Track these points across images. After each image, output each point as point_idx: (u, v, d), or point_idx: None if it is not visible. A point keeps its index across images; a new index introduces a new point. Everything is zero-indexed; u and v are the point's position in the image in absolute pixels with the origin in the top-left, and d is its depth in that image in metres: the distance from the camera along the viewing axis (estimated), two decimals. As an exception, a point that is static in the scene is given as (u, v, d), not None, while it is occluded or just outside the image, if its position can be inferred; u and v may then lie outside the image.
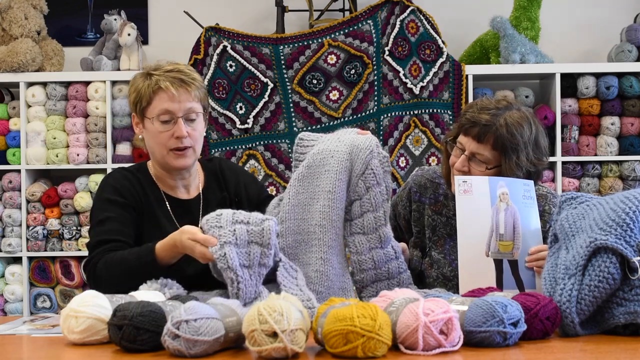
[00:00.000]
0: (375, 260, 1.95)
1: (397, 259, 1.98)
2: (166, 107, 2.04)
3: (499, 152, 2.04)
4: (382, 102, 3.74)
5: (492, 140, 2.03)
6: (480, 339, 1.40)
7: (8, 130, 3.90)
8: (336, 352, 1.32)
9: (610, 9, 4.12)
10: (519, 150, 2.04)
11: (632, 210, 1.53)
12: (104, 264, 1.95)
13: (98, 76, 3.84)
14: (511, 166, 2.04)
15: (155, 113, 2.06)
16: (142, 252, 1.92)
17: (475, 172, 2.06)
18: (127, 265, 1.91)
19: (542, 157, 2.10)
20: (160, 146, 2.08)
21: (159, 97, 2.05)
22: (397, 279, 1.98)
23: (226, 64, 3.76)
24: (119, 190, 2.08)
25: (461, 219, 1.96)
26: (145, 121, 2.09)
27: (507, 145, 2.03)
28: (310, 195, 1.92)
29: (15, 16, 3.85)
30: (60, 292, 3.85)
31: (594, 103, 3.82)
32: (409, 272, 2.02)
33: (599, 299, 1.50)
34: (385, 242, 1.96)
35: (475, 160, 2.06)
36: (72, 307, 1.48)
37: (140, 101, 2.08)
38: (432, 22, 3.78)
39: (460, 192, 1.96)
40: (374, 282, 1.97)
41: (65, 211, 3.86)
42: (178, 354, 1.33)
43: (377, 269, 1.96)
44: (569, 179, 3.81)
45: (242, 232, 1.71)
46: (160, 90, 2.05)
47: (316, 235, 1.90)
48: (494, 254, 1.94)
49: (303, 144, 2.03)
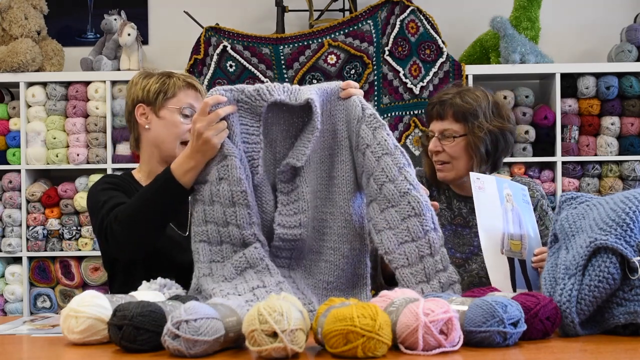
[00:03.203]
0: (387, 220, 1.75)
1: (417, 215, 1.74)
2: (192, 102, 2.12)
3: (461, 122, 2.19)
4: (382, 102, 3.74)
5: (451, 112, 2.19)
6: (480, 339, 1.40)
7: (8, 130, 3.90)
8: (336, 352, 1.32)
9: (610, 9, 4.12)
10: (477, 114, 2.18)
11: (632, 210, 1.53)
12: (116, 214, 1.86)
13: (98, 76, 3.85)
14: (474, 130, 2.17)
15: (180, 105, 2.11)
16: (157, 176, 1.86)
17: (448, 148, 2.19)
18: (143, 196, 1.85)
19: (505, 122, 2.22)
20: (174, 137, 2.10)
21: (186, 93, 2.12)
22: (440, 256, 1.74)
23: (226, 64, 3.76)
24: (113, 183, 2.09)
25: (481, 214, 1.96)
26: (163, 112, 2.11)
27: (466, 112, 2.18)
28: (320, 182, 1.85)
29: (15, 16, 3.85)
30: (60, 292, 3.86)
31: (594, 103, 3.82)
32: (440, 232, 1.77)
33: (599, 299, 1.50)
34: (394, 199, 1.74)
35: (445, 137, 2.20)
36: (72, 307, 1.48)
37: (166, 92, 2.11)
38: (432, 22, 3.78)
39: (476, 188, 1.99)
40: (420, 260, 1.73)
41: (65, 211, 3.86)
42: (178, 354, 1.33)
43: (393, 229, 1.74)
44: (569, 179, 3.82)
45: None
46: (189, 86, 2.14)
47: (327, 224, 1.84)
48: (507, 252, 1.96)
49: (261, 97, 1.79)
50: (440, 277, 1.73)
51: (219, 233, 1.78)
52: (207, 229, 1.79)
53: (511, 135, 2.25)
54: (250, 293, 1.68)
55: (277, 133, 1.83)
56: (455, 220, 2.27)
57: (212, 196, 1.77)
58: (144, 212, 1.83)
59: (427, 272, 1.73)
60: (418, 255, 1.73)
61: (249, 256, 1.75)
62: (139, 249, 1.89)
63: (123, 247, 1.87)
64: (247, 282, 1.72)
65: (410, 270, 1.73)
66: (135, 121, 2.14)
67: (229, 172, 1.74)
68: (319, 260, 1.84)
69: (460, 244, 2.24)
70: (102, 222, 1.91)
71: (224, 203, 1.75)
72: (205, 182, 1.78)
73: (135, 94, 2.14)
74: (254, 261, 1.75)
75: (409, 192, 1.74)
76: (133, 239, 1.85)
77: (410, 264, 1.73)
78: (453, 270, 1.75)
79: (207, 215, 1.78)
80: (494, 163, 2.25)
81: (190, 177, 1.78)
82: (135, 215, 1.83)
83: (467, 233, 2.24)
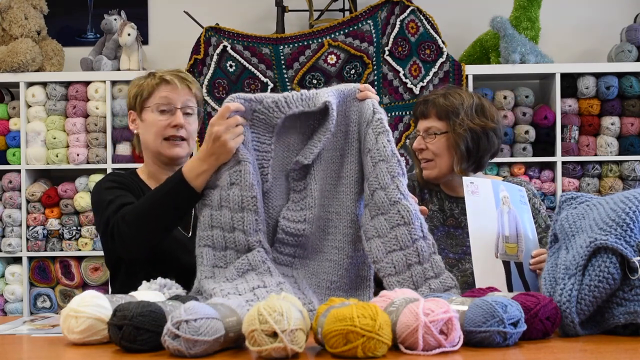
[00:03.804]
0: (376, 228, 1.75)
1: (406, 224, 1.73)
2: (166, 95, 2.10)
3: (443, 120, 2.23)
4: (382, 102, 3.74)
5: (434, 111, 2.24)
6: (480, 339, 1.40)
7: (8, 130, 3.90)
8: (336, 352, 1.32)
9: (610, 9, 4.12)
10: (458, 111, 2.21)
11: (632, 210, 1.53)
12: (123, 215, 1.85)
13: (98, 76, 3.85)
14: (455, 127, 2.21)
15: (155, 102, 2.10)
16: (168, 178, 1.85)
17: (430, 145, 2.23)
18: (153, 197, 1.85)
19: (488, 122, 2.24)
20: (156, 136, 2.10)
21: (161, 88, 2.11)
22: (429, 264, 1.73)
23: (226, 64, 3.76)
24: (117, 181, 2.10)
25: (472, 219, 1.96)
26: (144, 113, 2.12)
27: (448, 110, 2.22)
28: (328, 181, 1.85)
29: (15, 16, 3.85)
30: (60, 292, 3.86)
31: (594, 103, 3.82)
32: (430, 239, 1.76)
33: (599, 299, 1.50)
34: (384, 207, 1.74)
35: (428, 135, 2.25)
36: (72, 307, 1.48)
37: (142, 94, 2.12)
38: (432, 22, 3.78)
39: (468, 193, 1.98)
40: (407, 268, 1.73)
41: (65, 211, 3.86)
42: (178, 354, 1.33)
43: (382, 237, 1.74)
44: (569, 179, 3.82)
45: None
46: (163, 82, 2.12)
47: (333, 223, 1.84)
48: (502, 256, 1.95)
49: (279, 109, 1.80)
50: (430, 284, 1.72)
51: (224, 238, 1.78)
52: (212, 233, 1.79)
53: (495, 136, 2.25)
54: (250, 293, 1.68)
55: (293, 136, 1.83)
56: (448, 222, 2.29)
57: (220, 201, 1.77)
58: (153, 214, 1.83)
59: (415, 279, 1.73)
60: (405, 264, 1.73)
61: (252, 259, 1.76)
62: (145, 249, 1.89)
63: (129, 247, 1.87)
64: (248, 282, 1.72)
65: (397, 278, 1.73)
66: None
67: (241, 177, 1.74)
68: (323, 260, 1.84)
69: (453, 244, 2.25)
70: (107, 221, 1.90)
71: (233, 208, 1.76)
72: (215, 187, 1.79)
73: (127, 102, 2.19)
74: (256, 264, 1.75)
75: (399, 201, 1.74)
76: (140, 239, 1.85)
77: (397, 272, 1.74)
78: (448, 276, 1.75)
79: (214, 220, 1.78)
80: (477, 162, 2.25)
81: (202, 180, 1.78)
82: (144, 216, 1.83)
83: (460, 234, 2.25)
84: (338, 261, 1.83)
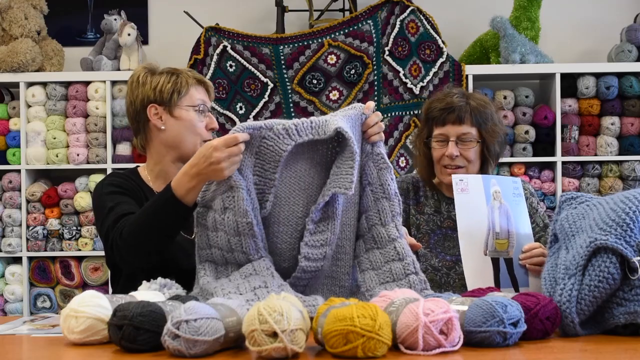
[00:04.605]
0: (371, 261, 1.81)
1: (400, 260, 1.79)
2: (204, 98, 2.14)
3: (477, 127, 2.27)
4: (382, 102, 3.74)
5: (470, 117, 2.26)
6: (480, 339, 1.40)
7: (8, 130, 3.90)
8: (336, 352, 1.32)
9: (610, 9, 4.12)
10: (488, 119, 2.28)
11: (632, 210, 1.53)
12: (120, 230, 1.87)
13: (98, 76, 3.85)
14: (490, 134, 2.27)
15: (193, 102, 2.10)
16: (158, 194, 1.87)
17: (465, 152, 2.25)
18: (145, 214, 1.85)
19: (504, 126, 2.38)
20: (195, 135, 2.10)
21: (197, 89, 2.13)
22: (404, 281, 1.77)
23: (226, 64, 3.76)
24: (118, 185, 2.08)
25: (461, 217, 1.97)
26: (176, 110, 2.09)
27: (481, 118, 2.27)
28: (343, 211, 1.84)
29: (15, 16, 3.85)
30: (60, 292, 3.85)
31: (594, 103, 3.82)
32: (422, 276, 1.80)
33: (599, 299, 1.50)
34: (381, 242, 1.82)
35: (462, 142, 2.26)
36: (72, 307, 1.48)
37: (180, 91, 2.09)
38: (432, 22, 3.78)
39: (457, 191, 1.99)
40: (381, 285, 1.78)
41: (65, 211, 3.86)
42: (178, 354, 1.33)
43: (376, 270, 1.80)
44: (569, 179, 3.81)
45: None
46: (199, 83, 2.15)
47: (344, 250, 1.85)
48: (491, 253, 1.95)
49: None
50: None
51: (224, 257, 1.80)
52: (211, 252, 1.80)
53: (505, 137, 2.41)
54: (251, 292, 1.68)
55: (300, 162, 1.81)
56: (445, 224, 2.29)
57: (216, 224, 1.77)
58: (148, 231, 1.84)
59: None
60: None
61: (256, 265, 1.76)
62: (144, 262, 1.90)
63: (128, 262, 1.89)
64: (249, 282, 1.72)
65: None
66: (145, 121, 2.11)
67: (234, 203, 1.73)
68: (334, 285, 1.85)
69: (450, 246, 2.25)
70: (107, 233, 1.92)
71: (229, 232, 1.76)
72: (210, 209, 1.79)
73: (145, 94, 2.09)
74: (260, 269, 1.75)
75: (397, 239, 1.80)
76: (138, 255, 1.86)
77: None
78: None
79: (211, 241, 1.79)
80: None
81: (193, 196, 1.79)
82: (138, 233, 1.84)
83: (457, 236, 2.24)
84: (349, 287, 1.85)
